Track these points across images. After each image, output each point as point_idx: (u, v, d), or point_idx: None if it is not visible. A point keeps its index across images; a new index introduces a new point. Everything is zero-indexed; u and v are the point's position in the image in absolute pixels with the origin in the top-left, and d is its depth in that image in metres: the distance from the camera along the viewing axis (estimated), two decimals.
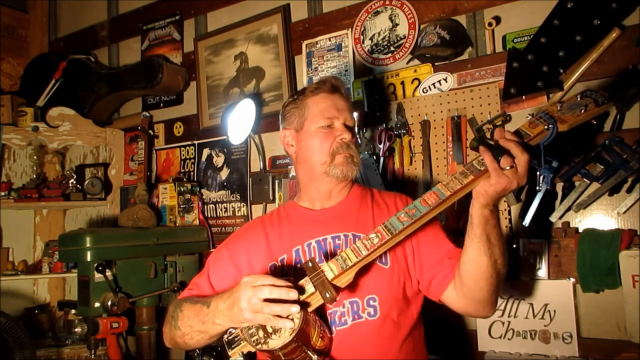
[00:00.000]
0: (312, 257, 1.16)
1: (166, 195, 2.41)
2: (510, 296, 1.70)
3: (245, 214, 2.35)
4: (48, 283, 2.87)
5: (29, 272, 2.75)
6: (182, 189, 2.41)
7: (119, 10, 2.95)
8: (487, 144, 1.07)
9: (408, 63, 1.96)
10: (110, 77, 2.69)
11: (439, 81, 1.87)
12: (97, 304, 1.99)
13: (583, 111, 1.11)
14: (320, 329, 1.12)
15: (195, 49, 2.56)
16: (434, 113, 1.87)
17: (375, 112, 1.96)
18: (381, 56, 2.01)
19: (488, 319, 1.72)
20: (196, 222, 2.43)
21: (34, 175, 2.77)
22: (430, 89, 1.89)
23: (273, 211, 1.46)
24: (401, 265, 1.25)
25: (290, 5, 2.29)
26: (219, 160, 2.48)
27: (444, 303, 1.24)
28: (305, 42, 2.22)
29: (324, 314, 1.20)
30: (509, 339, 1.69)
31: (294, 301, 1.04)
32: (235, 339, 1.11)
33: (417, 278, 1.26)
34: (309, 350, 1.06)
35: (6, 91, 2.94)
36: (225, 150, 2.45)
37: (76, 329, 2.01)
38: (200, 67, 2.54)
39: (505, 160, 1.03)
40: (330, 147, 1.29)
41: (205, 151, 2.53)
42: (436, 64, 1.90)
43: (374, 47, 2.03)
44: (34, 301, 2.81)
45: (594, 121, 1.41)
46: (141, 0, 2.82)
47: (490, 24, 1.79)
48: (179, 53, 2.65)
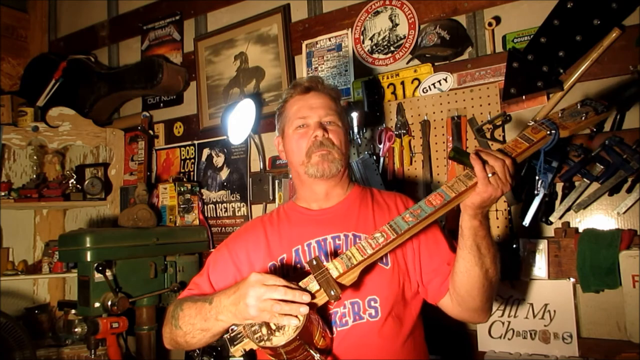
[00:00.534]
0: (317, 256, 1.16)
1: (166, 195, 2.41)
2: (510, 296, 1.70)
3: (245, 214, 2.35)
4: (48, 283, 2.87)
5: (29, 272, 2.75)
6: (182, 189, 2.41)
7: (119, 10, 2.95)
8: (466, 153, 1.10)
9: (408, 63, 1.96)
10: (110, 77, 2.69)
11: (439, 81, 1.87)
12: (97, 304, 1.99)
13: (584, 118, 1.15)
14: (322, 328, 1.12)
15: (195, 49, 2.56)
16: (434, 113, 1.87)
17: (375, 112, 1.96)
18: (381, 56, 2.01)
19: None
20: (196, 222, 2.43)
21: (34, 175, 2.77)
22: (430, 89, 1.89)
23: (273, 211, 1.46)
24: (401, 266, 1.25)
25: (290, 5, 2.29)
26: (219, 160, 2.48)
27: (441, 308, 1.27)
28: (305, 42, 2.22)
29: (325, 314, 1.20)
30: (509, 339, 1.69)
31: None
32: (238, 336, 1.10)
33: (417, 280, 1.27)
34: (311, 349, 1.06)
35: (6, 91, 2.94)
36: (225, 150, 2.45)
37: (76, 329, 2.01)
38: (200, 67, 2.54)
39: (489, 167, 1.06)
40: (306, 147, 1.30)
41: (205, 151, 2.53)
42: (436, 64, 1.90)
43: (374, 47, 2.03)
44: (34, 301, 2.81)
45: (594, 129, 1.46)
46: (141, 0, 2.82)
47: (490, 24, 1.79)
48: (179, 53, 2.65)
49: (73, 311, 2.44)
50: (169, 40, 2.70)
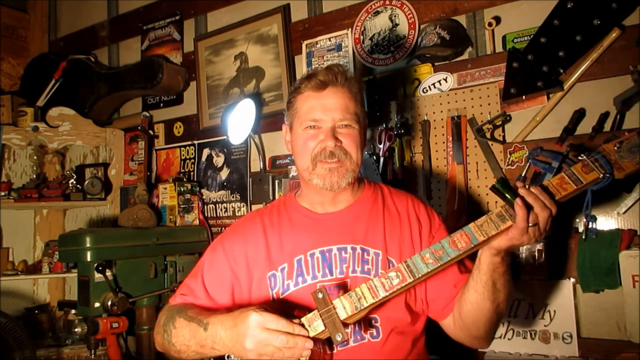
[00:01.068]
0: (323, 287, 1.04)
1: (166, 195, 2.41)
2: None
3: (245, 214, 2.35)
4: (48, 283, 2.87)
5: (29, 272, 2.75)
6: (182, 189, 2.41)
7: (119, 10, 2.95)
8: (512, 190, 0.99)
9: (408, 63, 1.96)
10: (110, 77, 2.69)
11: (439, 81, 1.87)
12: (97, 304, 1.99)
13: None
14: (321, 349, 1.06)
15: (195, 49, 2.56)
16: (434, 113, 1.87)
17: (375, 112, 1.96)
18: (381, 56, 2.01)
19: None
20: (196, 222, 2.43)
21: (34, 175, 2.77)
22: (430, 89, 1.89)
23: (272, 207, 1.34)
24: None
25: (290, 5, 2.29)
26: (219, 160, 2.48)
27: (441, 327, 1.24)
28: (305, 42, 2.21)
29: None
30: (509, 339, 1.69)
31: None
32: None
33: (420, 297, 1.22)
34: None
35: (6, 91, 2.94)
36: (225, 150, 2.45)
37: (76, 329, 2.01)
38: (200, 67, 2.54)
39: (532, 216, 0.96)
40: (312, 152, 1.19)
41: (205, 151, 2.53)
42: (436, 64, 1.90)
43: (374, 47, 2.03)
44: (34, 301, 2.81)
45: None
46: (141, 0, 2.82)
47: (490, 24, 1.79)
48: (179, 53, 2.65)
49: (73, 311, 2.44)
50: (169, 40, 2.70)
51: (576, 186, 1.00)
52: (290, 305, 1.18)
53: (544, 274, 1.65)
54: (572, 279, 1.61)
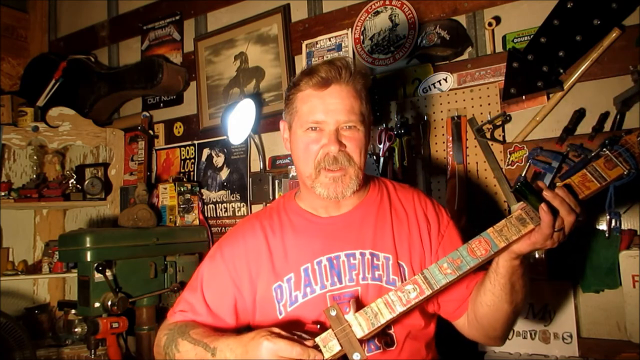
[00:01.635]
0: (335, 304, 0.99)
1: (166, 195, 2.41)
2: None
3: (245, 214, 2.35)
4: (48, 283, 2.87)
5: (29, 272, 2.75)
6: (182, 189, 2.41)
7: (119, 10, 2.95)
8: (535, 192, 0.93)
9: (408, 63, 1.96)
10: (110, 77, 2.69)
11: (439, 81, 1.87)
12: (97, 304, 1.99)
13: None
14: None
15: (195, 49, 2.56)
16: (434, 113, 1.87)
17: (375, 112, 1.96)
18: (381, 56, 2.01)
19: None
20: (196, 222, 2.43)
21: (34, 175, 2.77)
22: (430, 89, 1.89)
23: (271, 210, 1.27)
24: None
25: (290, 5, 2.29)
26: (219, 160, 2.48)
27: (455, 326, 1.22)
28: (305, 42, 2.21)
29: None
30: (509, 339, 1.69)
31: None
32: None
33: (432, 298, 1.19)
34: None
35: (6, 91, 2.94)
36: (225, 150, 2.45)
37: (76, 329, 2.01)
38: (200, 67, 2.54)
39: (558, 222, 0.92)
40: (315, 157, 1.11)
41: (205, 151, 2.53)
42: (436, 64, 1.90)
43: (374, 47, 2.03)
44: (34, 301, 2.81)
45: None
46: (141, 0, 2.82)
47: (490, 24, 1.79)
48: (179, 53, 2.65)
49: (73, 311, 2.44)
50: (169, 40, 2.70)
51: (600, 184, 0.94)
52: (299, 318, 1.12)
53: (544, 274, 1.65)
54: (572, 279, 1.61)
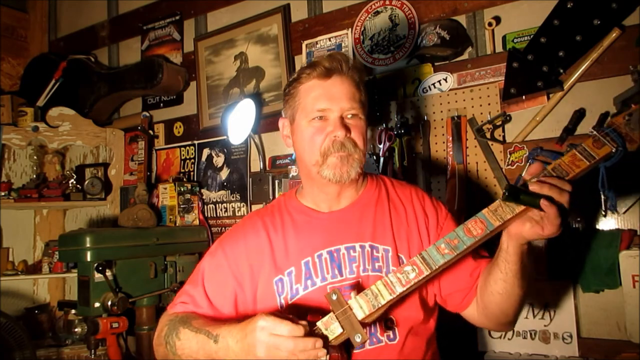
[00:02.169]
0: (336, 288, 1.01)
1: (166, 195, 2.41)
2: None
3: (245, 214, 2.35)
4: (48, 283, 2.87)
5: (29, 272, 2.75)
6: (182, 189, 2.41)
7: (119, 10, 2.95)
8: (525, 192, 0.94)
9: (408, 63, 1.96)
10: (110, 77, 2.69)
11: (439, 81, 1.87)
12: (97, 304, 1.99)
13: None
14: (338, 354, 1.01)
15: (195, 49, 2.56)
16: (434, 113, 1.87)
17: (375, 112, 1.96)
18: (381, 56, 2.01)
19: None
20: (196, 222, 2.43)
21: (34, 175, 2.77)
22: (430, 89, 1.89)
23: (272, 207, 1.28)
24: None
25: (290, 5, 2.29)
26: (219, 160, 2.48)
27: (462, 316, 1.21)
28: (305, 42, 2.21)
29: None
30: (509, 339, 1.69)
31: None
32: None
33: (434, 290, 1.20)
34: None
35: (6, 91, 2.94)
36: (225, 150, 2.45)
37: (76, 329, 2.01)
38: (200, 67, 2.54)
39: (564, 208, 0.93)
40: (322, 145, 1.13)
41: (205, 151, 2.53)
42: (436, 64, 1.90)
43: (374, 47, 2.03)
44: (34, 301, 2.81)
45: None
46: (141, 0, 2.82)
47: (490, 24, 1.79)
48: (179, 53, 2.65)
49: (73, 311, 2.44)
50: (169, 40, 2.70)
51: (589, 162, 0.96)
52: (300, 310, 1.13)
53: (544, 274, 1.65)
54: (572, 279, 1.62)
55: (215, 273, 1.22)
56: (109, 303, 1.98)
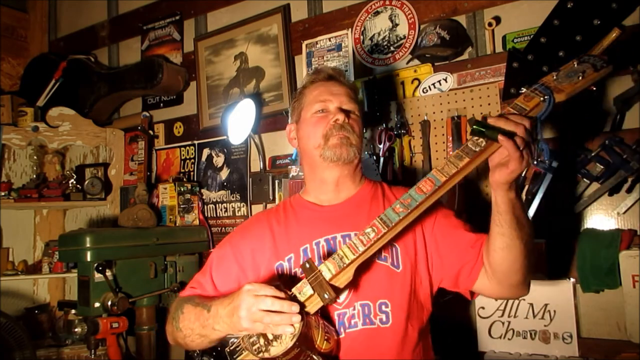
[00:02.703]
0: (309, 258, 1.13)
1: (166, 195, 2.41)
2: None
3: (245, 214, 2.35)
4: (48, 283, 2.87)
5: (29, 272, 2.75)
6: (182, 189, 2.41)
7: (119, 10, 2.95)
8: (487, 126, 1.01)
9: (408, 63, 1.96)
10: (110, 77, 2.69)
11: (439, 81, 1.87)
12: (97, 304, 1.99)
13: (580, 78, 1.04)
14: (324, 330, 1.09)
15: (195, 49, 2.56)
16: (434, 113, 1.87)
17: (375, 112, 1.96)
18: (381, 56, 2.01)
19: (488, 319, 1.72)
20: (196, 222, 2.43)
21: (34, 175, 2.77)
22: (430, 89, 1.89)
23: (278, 205, 1.41)
24: (413, 269, 1.21)
25: (290, 5, 2.29)
26: (219, 160, 2.48)
27: (476, 292, 1.22)
28: (305, 42, 2.21)
29: (331, 315, 1.17)
30: (509, 339, 1.69)
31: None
32: (237, 349, 1.09)
33: (439, 276, 1.23)
34: (313, 354, 1.04)
35: (6, 91, 2.94)
36: (225, 150, 2.45)
37: (76, 329, 2.01)
38: (200, 67, 2.54)
39: (520, 140, 0.98)
40: (324, 130, 1.26)
41: (205, 151, 2.53)
42: (436, 64, 1.90)
43: (374, 47, 2.03)
44: (34, 301, 2.81)
45: (593, 87, 1.33)
46: (141, 0, 2.82)
47: (490, 24, 1.79)
48: (179, 53, 2.65)
49: (73, 311, 2.44)
50: (169, 40, 2.70)
51: (520, 115, 1.03)
52: None
53: (544, 273, 1.65)
54: (572, 279, 1.62)
55: (221, 262, 1.33)
56: (109, 303, 1.99)
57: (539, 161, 1.14)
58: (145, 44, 2.79)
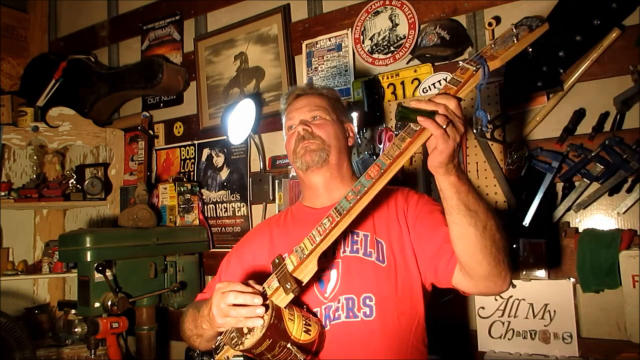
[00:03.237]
0: (279, 255, 1.19)
1: (166, 195, 2.41)
2: (510, 296, 1.70)
3: (245, 214, 2.35)
4: (48, 283, 2.87)
5: (29, 272, 2.75)
6: (182, 189, 2.41)
7: (119, 10, 2.95)
8: (412, 110, 1.00)
9: (408, 63, 1.96)
10: (110, 77, 2.69)
11: (439, 81, 1.87)
12: (97, 304, 1.99)
13: (515, 40, 1.03)
14: (304, 322, 1.12)
15: (195, 49, 2.56)
16: None
17: (375, 112, 1.96)
18: (381, 56, 2.01)
19: (488, 319, 1.72)
20: (196, 222, 2.43)
21: (34, 175, 2.77)
22: (430, 89, 1.89)
23: (282, 212, 1.50)
24: (399, 264, 1.23)
25: (290, 5, 2.29)
26: (219, 160, 2.48)
27: (457, 289, 1.19)
28: (305, 42, 2.22)
29: (318, 308, 1.21)
30: (509, 339, 1.69)
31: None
32: (220, 345, 1.17)
33: (423, 272, 1.23)
34: (289, 345, 1.08)
35: (6, 91, 2.94)
36: (225, 150, 2.45)
37: (76, 329, 2.01)
38: (200, 67, 2.54)
39: (441, 118, 0.97)
40: (292, 145, 1.36)
41: (205, 151, 2.53)
42: (436, 64, 1.90)
43: (374, 47, 2.03)
44: (34, 301, 2.81)
45: (529, 49, 1.32)
46: (141, 0, 2.82)
47: (490, 24, 1.79)
48: (179, 53, 2.65)
49: (73, 311, 2.44)
50: (169, 40, 2.70)
51: (456, 87, 1.03)
52: None
53: (544, 273, 1.65)
54: (572, 279, 1.62)
55: (229, 268, 1.43)
56: (109, 303, 1.99)
57: (478, 129, 1.13)
58: (145, 44, 2.79)
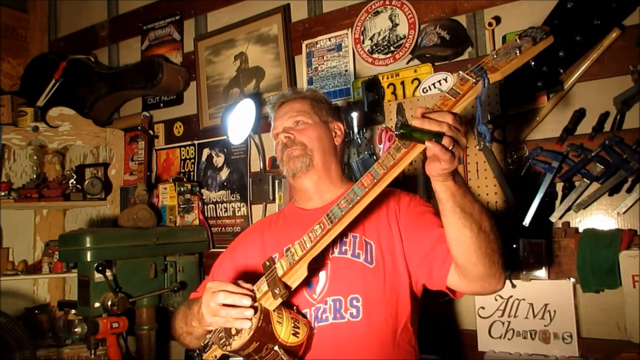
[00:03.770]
0: (270, 257, 1.20)
1: (166, 195, 2.41)
2: (510, 296, 1.70)
3: (245, 214, 2.35)
4: (48, 283, 2.87)
5: (29, 272, 2.75)
6: (182, 189, 2.41)
7: (119, 10, 2.95)
8: (413, 129, 0.97)
9: (408, 63, 1.96)
10: (110, 77, 2.69)
11: (439, 81, 1.87)
12: (97, 304, 1.99)
13: (518, 53, 0.98)
14: (292, 325, 1.12)
15: (195, 49, 2.56)
16: None
17: (375, 112, 1.96)
18: (381, 56, 2.01)
19: (488, 319, 1.72)
20: (196, 222, 2.43)
21: (34, 175, 2.77)
22: (430, 89, 1.89)
23: (275, 213, 1.52)
24: (388, 265, 1.22)
25: (290, 5, 2.29)
26: (219, 160, 2.48)
27: (450, 290, 1.19)
28: (305, 42, 2.22)
29: (307, 310, 1.22)
30: (509, 339, 1.69)
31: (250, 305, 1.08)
32: (208, 344, 1.18)
33: (414, 273, 1.23)
34: (276, 347, 1.08)
35: (6, 91, 2.94)
36: (225, 150, 2.45)
37: (76, 329, 2.01)
38: (200, 67, 2.54)
39: (447, 140, 0.95)
40: (279, 153, 1.39)
41: (205, 151, 2.53)
42: (436, 64, 1.90)
43: (374, 47, 2.03)
44: (34, 301, 2.81)
45: (532, 62, 1.31)
46: (141, 0, 2.82)
47: (490, 24, 1.79)
48: (179, 53, 2.65)
49: (73, 311, 2.44)
50: (169, 40, 2.70)
51: (454, 99, 1.01)
52: None
53: (544, 273, 1.65)
54: (572, 279, 1.62)
55: (221, 267, 1.45)
56: (109, 303, 1.99)
57: (482, 145, 1.11)
58: (145, 44, 2.79)
